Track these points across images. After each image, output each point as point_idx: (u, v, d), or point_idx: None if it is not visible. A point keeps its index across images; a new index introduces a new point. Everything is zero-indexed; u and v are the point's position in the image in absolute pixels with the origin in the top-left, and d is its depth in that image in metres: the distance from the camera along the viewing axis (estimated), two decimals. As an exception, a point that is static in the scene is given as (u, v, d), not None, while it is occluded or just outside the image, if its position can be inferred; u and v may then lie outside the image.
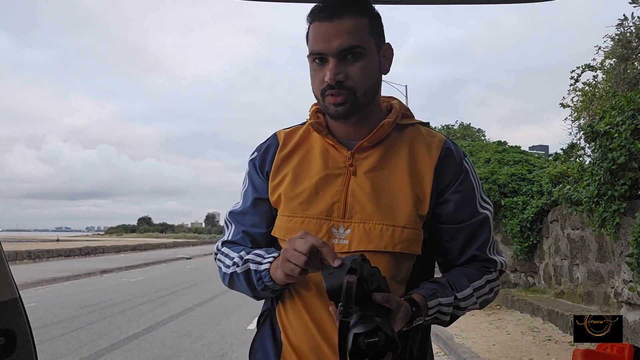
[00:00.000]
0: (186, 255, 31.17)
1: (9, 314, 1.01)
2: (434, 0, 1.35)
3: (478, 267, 1.18)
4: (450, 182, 1.16)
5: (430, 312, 1.09)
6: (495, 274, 1.20)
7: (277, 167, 1.22)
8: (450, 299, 1.12)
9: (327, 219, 1.13)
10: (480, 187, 1.21)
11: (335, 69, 1.09)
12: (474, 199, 1.19)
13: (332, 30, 1.08)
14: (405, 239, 1.10)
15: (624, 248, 5.16)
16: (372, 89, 1.14)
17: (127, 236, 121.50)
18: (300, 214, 1.16)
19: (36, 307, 9.82)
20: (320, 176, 1.17)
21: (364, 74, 1.10)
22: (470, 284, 1.15)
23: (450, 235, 1.18)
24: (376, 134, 1.15)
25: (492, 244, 1.20)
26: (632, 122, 5.06)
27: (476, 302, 1.16)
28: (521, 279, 9.68)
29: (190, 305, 10.21)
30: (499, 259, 1.20)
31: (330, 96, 1.11)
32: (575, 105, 8.76)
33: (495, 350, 5.83)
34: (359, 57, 1.10)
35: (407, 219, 1.11)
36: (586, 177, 5.99)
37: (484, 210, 1.20)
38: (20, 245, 36.36)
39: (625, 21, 6.97)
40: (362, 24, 1.10)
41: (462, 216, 1.17)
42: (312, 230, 1.12)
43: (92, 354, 6.08)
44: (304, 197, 1.16)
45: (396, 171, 1.15)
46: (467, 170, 1.19)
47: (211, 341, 6.72)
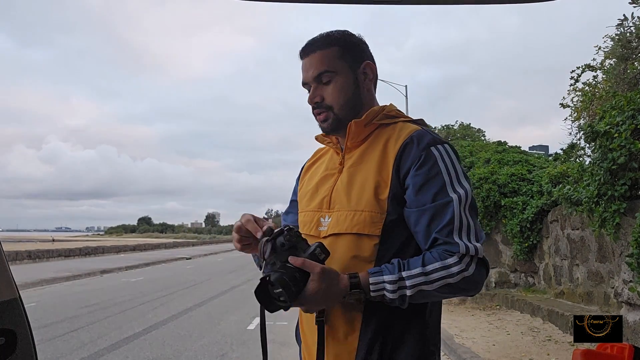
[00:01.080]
0: (186, 256, 31.18)
1: (9, 314, 1.01)
2: (434, 0, 1.35)
3: (440, 250, 1.19)
4: (409, 166, 1.24)
5: (373, 287, 1.18)
6: (456, 258, 1.18)
7: (303, 175, 1.55)
8: (394, 276, 1.17)
9: (318, 211, 1.37)
10: (454, 172, 1.24)
11: (312, 93, 1.37)
12: (438, 182, 1.22)
13: (308, 63, 1.37)
14: (361, 221, 1.25)
15: (624, 248, 5.16)
16: (350, 103, 1.35)
17: (127, 236, 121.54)
18: (303, 209, 1.44)
19: (36, 307, 9.82)
20: (320, 177, 1.43)
21: (337, 93, 1.35)
22: (420, 265, 1.18)
23: (415, 219, 1.23)
24: (351, 135, 1.35)
25: (459, 228, 1.19)
26: (632, 122, 5.06)
27: (429, 283, 1.17)
28: (521, 279, 9.68)
29: (190, 305, 10.21)
30: (465, 243, 1.18)
31: (316, 115, 1.38)
32: (575, 105, 8.76)
33: (495, 350, 5.83)
34: (330, 80, 1.35)
35: (366, 204, 1.26)
36: (586, 177, 5.99)
37: (453, 194, 1.21)
38: (14, 245, 36.30)
39: (625, 21, 6.97)
40: (330, 52, 1.35)
41: (424, 199, 1.22)
42: (307, 221, 1.39)
43: (92, 354, 6.08)
44: (308, 195, 1.43)
45: (368, 164, 1.31)
46: (432, 155, 1.23)
47: (211, 341, 6.72)
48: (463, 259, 1.18)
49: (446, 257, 1.18)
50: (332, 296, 1.19)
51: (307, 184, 1.47)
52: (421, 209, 1.22)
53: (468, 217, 1.21)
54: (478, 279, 1.20)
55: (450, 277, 1.17)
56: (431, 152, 1.24)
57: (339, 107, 1.35)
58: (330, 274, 1.19)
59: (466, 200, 1.22)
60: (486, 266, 1.23)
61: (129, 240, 63.96)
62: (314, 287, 1.17)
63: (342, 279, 1.20)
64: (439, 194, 1.21)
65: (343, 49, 1.36)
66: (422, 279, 1.17)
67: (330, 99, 1.35)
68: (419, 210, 1.22)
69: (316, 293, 1.17)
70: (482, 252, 1.21)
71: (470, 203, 1.23)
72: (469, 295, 1.25)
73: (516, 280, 9.79)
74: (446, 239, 1.19)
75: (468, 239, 1.20)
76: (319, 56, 1.35)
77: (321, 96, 1.36)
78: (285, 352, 6.04)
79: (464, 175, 1.26)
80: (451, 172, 1.23)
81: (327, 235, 1.31)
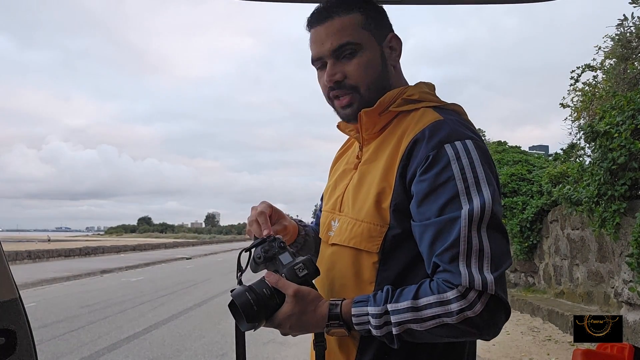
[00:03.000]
0: (186, 255, 31.16)
1: (9, 314, 1.01)
2: (434, 0, 1.35)
3: (439, 280, 0.93)
4: (415, 169, 0.99)
5: (356, 320, 0.97)
6: (456, 292, 0.91)
7: (332, 165, 1.33)
8: (378, 309, 0.95)
9: (332, 212, 1.17)
10: (472, 177, 0.96)
11: (331, 70, 1.09)
12: (449, 190, 0.95)
13: (323, 32, 1.09)
14: (358, 234, 1.05)
15: (624, 248, 5.16)
16: (378, 82, 1.10)
17: (127, 236, 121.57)
18: (324, 208, 1.23)
19: (36, 307, 9.81)
20: (340, 172, 1.23)
21: (363, 70, 1.08)
22: (411, 298, 0.94)
23: (419, 236, 0.98)
24: (364, 127, 1.12)
25: (466, 253, 0.92)
26: (632, 122, 5.06)
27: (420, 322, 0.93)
28: (521, 279, 9.68)
29: (190, 305, 10.20)
30: (471, 273, 0.90)
31: (337, 99, 1.12)
32: (575, 105, 8.75)
33: (495, 350, 5.83)
34: (354, 53, 1.08)
35: (366, 213, 1.05)
36: (586, 177, 5.99)
37: (466, 205, 0.93)
38: (13, 245, 36.20)
39: (625, 21, 6.97)
40: (353, 19, 1.09)
41: (428, 212, 0.96)
42: (322, 222, 1.20)
43: (92, 354, 6.08)
44: (328, 193, 1.25)
45: (379, 162, 1.08)
46: (445, 155, 0.97)
47: (211, 341, 6.71)
48: (467, 295, 0.90)
49: (445, 289, 0.92)
50: (308, 323, 1.00)
51: (331, 178, 1.27)
52: (424, 224, 0.96)
53: (482, 239, 0.92)
54: (489, 322, 0.92)
55: (448, 315, 0.91)
56: (444, 150, 0.97)
57: (366, 88, 1.09)
58: (306, 297, 0.99)
59: (482, 215, 0.93)
60: (504, 305, 0.93)
61: (129, 240, 63.94)
62: (287, 311, 0.99)
63: (321, 306, 1.00)
64: (447, 205, 0.94)
65: (367, 16, 1.10)
66: (410, 315, 0.92)
67: (355, 77, 1.08)
68: (422, 225, 0.97)
69: (289, 317, 0.99)
70: (494, 287, 0.90)
71: (489, 219, 0.93)
72: (483, 339, 0.97)
73: (516, 280, 9.78)
74: (447, 266, 0.92)
75: (479, 267, 0.91)
76: (338, 24, 1.08)
77: (343, 73, 1.08)
78: (285, 352, 6.03)
79: (488, 181, 0.96)
80: (468, 178, 0.95)
81: (332, 244, 1.13)
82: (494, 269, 0.92)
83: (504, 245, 0.95)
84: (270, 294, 1.00)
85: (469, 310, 0.90)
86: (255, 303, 0.99)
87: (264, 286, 1.01)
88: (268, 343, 6.52)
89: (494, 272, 0.91)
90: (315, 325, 1.00)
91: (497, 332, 0.94)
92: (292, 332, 1.01)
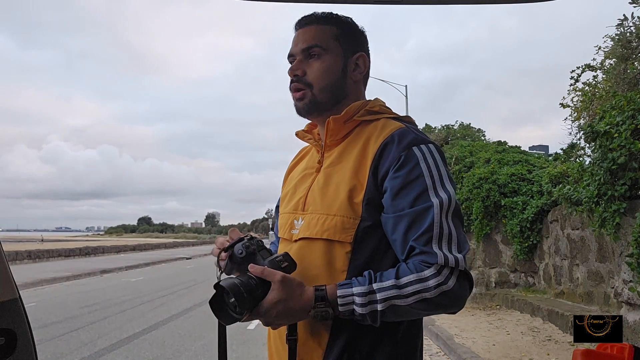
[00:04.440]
0: (186, 255, 31.17)
1: (9, 314, 1.01)
2: (434, 0, 1.35)
3: (416, 261, 1.07)
4: (388, 168, 1.13)
5: (341, 301, 1.06)
6: (433, 270, 1.05)
7: (286, 175, 1.45)
8: (363, 288, 1.06)
9: (293, 213, 1.27)
10: (438, 175, 1.12)
11: (295, 65, 1.26)
12: (419, 185, 1.10)
13: (302, 35, 1.28)
14: (332, 226, 1.15)
15: (624, 248, 5.16)
16: (332, 88, 1.25)
17: (127, 236, 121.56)
18: (282, 211, 1.35)
19: (36, 307, 9.82)
20: (300, 177, 1.34)
21: (321, 72, 1.24)
22: (393, 277, 1.06)
23: (392, 226, 1.11)
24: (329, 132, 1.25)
25: (439, 237, 1.07)
26: (632, 122, 5.06)
27: (403, 297, 1.05)
28: (521, 279, 9.68)
29: (190, 305, 10.21)
30: (444, 253, 1.06)
31: (293, 92, 1.27)
32: (575, 105, 8.75)
33: (495, 350, 5.83)
34: (318, 56, 1.25)
35: (339, 208, 1.16)
36: (586, 177, 5.99)
37: (435, 198, 1.09)
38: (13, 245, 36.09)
39: (625, 21, 6.97)
40: (327, 30, 1.27)
41: (401, 204, 1.10)
42: (283, 224, 1.31)
43: (92, 354, 6.08)
44: (287, 196, 1.35)
45: (346, 164, 1.20)
46: (414, 155, 1.12)
47: (211, 341, 6.71)
48: (442, 271, 1.05)
49: (423, 268, 1.06)
50: (294, 309, 1.07)
51: (288, 185, 1.39)
52: (398, 215, 1.10)
53: (450, 225, 1.09)
54: (459, 295, 1.07)
55: (427, 290, 1.05)
56: (413, 152, 1.13)
57: (319, 88, 1.24)
58: (292, 283, 1.08)
59: (449, 206, 1.10)
60: (469, 280, 1.10)
61: (129, 240, 63.95)
62: (274, 297, 1.06)
63: (307, 290, 1.09)
64: (418, 198, 1.09)
65: (341, 31, 1.27)
66: (395, 291, 1.05)
67: (312, 75, 1.25)
68: (396, 216, 1.10)
69: (276, 304, 1.06)
70: (464, 264, 1.07)
71: (454, 209, 1.11)
72: (450, 313, 1.11)
73: (516, 280, 9.79)
74: (423, 248, 1.07)
75: (449, 249, 1.07)
76: (313, 30, 1.26)
77: (303, 70, 1.25)
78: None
79: (449, 178, 1.14)
80: (434, 175, 1.11)
81: (297, 239, 1.21)
82: (460, 249, 1.09)
83: (463, 232, 1.13)
84: (256, 284, 1.06)
85: (444, 285, 1.05)
86: (245, 290, 1.04)
87: (249, 277, 1.07)
88: (263, 343, 6.51)
89: (460, 252, 1.08)
90: (301, 310, 1.08)
91: (464, 304, 1.10)
92: (277, 320, 1.09)
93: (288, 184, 1.39)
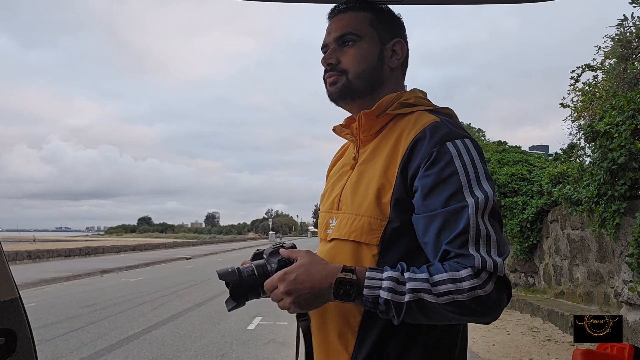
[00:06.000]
0: (186, 255, 31.17)
1: (9, 314, 1.01)
2: (434, 0, 1.35)
3: (451, 263, 0.98)
4: (418, 166, 1.05)
5: (367, 282, 0.98)
6: (470, 271, 0.95)
7: (328, 171, 1.41)
8: (395, 273, 0.98)
9: (329, 212, 1.23)
10: (474, 172, 1.03)
11: (329, 54, 1.21)
12: (452, 184, 1.01)
13: (334, 24, 1.22)
14: (359, 228, 1.11)
15: (624, 248, 5.16)
16: (368, 75, 1.19)
17: (127, 236, 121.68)
18: (321, 209, 1.32)
19: (36, 307, 9.82)
20: (338, 174, 1.29)
21: (356, 58, 1.19)
22: (426, 272, 0.98)
23: (423, 227, 1.03)
24: (362, 127, 1.20)
25: (475, 238, 0.98)
26: (632, 122, 5.07)
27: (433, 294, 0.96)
28: (521, 279, 9.68)
29: (190, 305, 10.20)
30: (482, 255, 0.96)
31: (327, 78, 1.22)
32: (575, 105, 8.76)
33: (495, 350, 5.83)
34: (353, 43, 1.19)
35: (367, 208, 1.10)
36: (586, 177, 5.99)
37: (470, 198, 1.00)
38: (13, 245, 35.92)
39: (625, 21, 6.98)
40: (361, 16, 1.21)
41: (433, 204, 1.02)
42: (320, 223, 1.27)
43: (92, 354, 6.08)
44: (326, 194, 1.31)
45: (377, 161, 1.14)
46: (447, 151, 1.03)
47: (211, 341, 6.72)
48: (479, 275, 0.95)
49: (458, 268, 0.96)
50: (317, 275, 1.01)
51: (328, 182, 1.34)
52: (430, 215, 1.02)
53: (487, 226, 1.00)
54: (496, 302, 0.96)
55: (460, 292, 0.94)
56: (446, 148, 1.04)
57: (355, 74, 1.18)
58: (317, 256, 1.08)
59: (485, 205, 1.01)
60: (508, 288, 0.99)
61: (129, 240, 63.97)
62: (297, 264, 1.04)
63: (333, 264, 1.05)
64: (452, 197, 1.00)
65: (377, 17, 1.22)
66: (426, 285, 0.96)
67: (347, 63, 1.19)
68: (427, 216, 1.02)
69: (299, 267, 1.02)
70: (503, 269, 0.97)
71: (491, 209, 1.02)
72: (483, 322, 1.00)
73: (516, 280, 9.79)
74: (459, 251, 0.97)
75: (487, 251, 0.97)
76: (348, 17, 1.21)
77: (337, 58, 1.20)
78: (285, 352, 6.03)
79: (487, 176, 1.05)
80: (470, 173, 1.02)
81: (331, 239, 1.18)
82: (499, 253, 0.99)
83: (502, 234, 1.03)
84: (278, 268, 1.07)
85: (480, 289, 0.95)
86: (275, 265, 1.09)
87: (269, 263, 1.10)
88: (268, 343, 6.52)
89: (500, 256, 0.98)
90: (326, 276, 1.01)
91: (499, 313, 0.99)
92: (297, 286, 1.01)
93: (328, 180, 1.35)
